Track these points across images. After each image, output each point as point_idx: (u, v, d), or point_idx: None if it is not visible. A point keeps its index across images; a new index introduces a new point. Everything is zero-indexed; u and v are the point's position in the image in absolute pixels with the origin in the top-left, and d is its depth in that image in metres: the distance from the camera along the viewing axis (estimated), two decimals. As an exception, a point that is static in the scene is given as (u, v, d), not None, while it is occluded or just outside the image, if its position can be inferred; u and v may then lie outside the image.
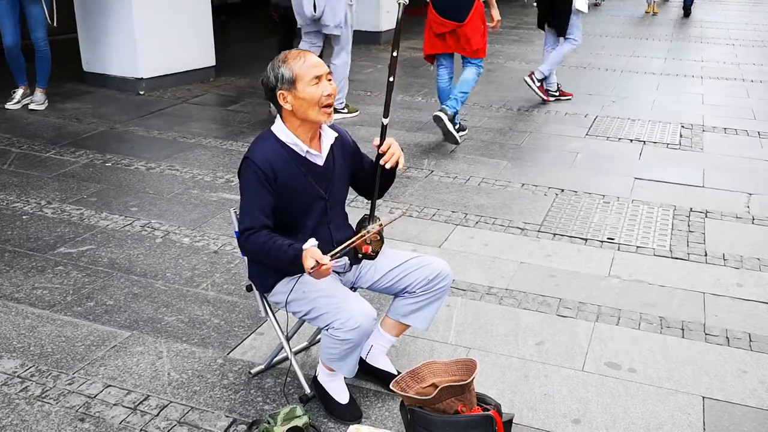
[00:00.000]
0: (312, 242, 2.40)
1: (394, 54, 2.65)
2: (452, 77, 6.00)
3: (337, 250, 2.40)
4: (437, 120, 5.62)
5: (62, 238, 4.03)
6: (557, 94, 7.33)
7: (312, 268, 2.28)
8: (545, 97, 7.25)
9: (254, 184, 2.47)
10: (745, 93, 7.86)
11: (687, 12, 13.90)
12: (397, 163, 2.63)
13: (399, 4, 2.67)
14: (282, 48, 6.53)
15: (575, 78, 8.46)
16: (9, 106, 6.52)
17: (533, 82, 7.19)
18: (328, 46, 6.52)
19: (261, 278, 2.64)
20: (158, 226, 4.21)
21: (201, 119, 6.51)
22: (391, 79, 2.68)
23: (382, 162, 2.59)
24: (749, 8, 15.46)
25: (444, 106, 5.68)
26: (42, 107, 6.56)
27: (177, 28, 7.37)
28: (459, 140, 5.76)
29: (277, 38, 7.44)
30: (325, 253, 2.34)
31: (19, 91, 6.60)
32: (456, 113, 5.77)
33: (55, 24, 6.28)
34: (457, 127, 5.79)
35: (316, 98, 2.44)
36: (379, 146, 2.60)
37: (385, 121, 2.65)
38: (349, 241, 2.46)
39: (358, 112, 6.75)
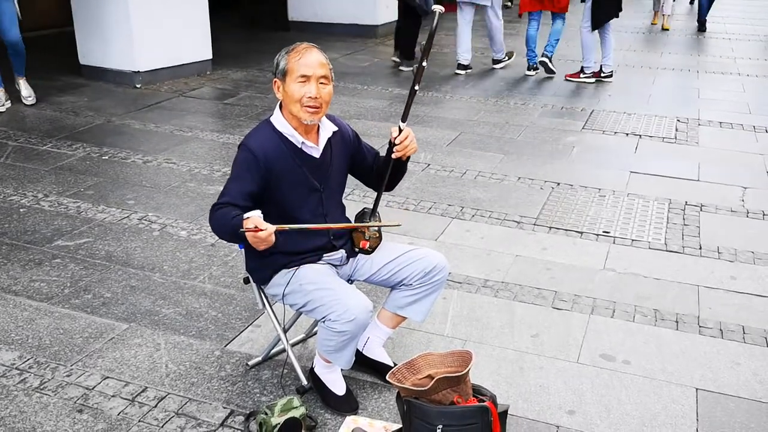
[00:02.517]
0: (256, 212, 2.33)
1: (424, 64, 2.57)
2: (539, 28, 8.06)
3: (293, 226, 2.35)
4: (543, 64, 8.11)
5: (59, 231, 4.03)
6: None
7: (247, 229, 2.22)
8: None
9: (242, 168, 2.48)
10: (741, 87, 7.89)
11: (701, 25, 11.79)
12: (408, 157, 2.65)
13: (436, 12, 2.61)
14: (403, 35, 8.43)
15: (572, 71, 8.48)
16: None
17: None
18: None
19: (258, 270, 2.65)
20: (155, 219, 4.22)
21: (198, 112, 6.51)
22: (416, 88, 2.59)
23: (395, 149, 2.58)
24: (746, 2, 15.46)
25: (545, 52, 8.10)
26: (33, 98, 6.47)
27: (174, 21, 7.36)
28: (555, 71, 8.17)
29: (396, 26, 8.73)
30: (316, 248, 2.34)
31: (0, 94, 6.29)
32: (552, 54, 8.15)
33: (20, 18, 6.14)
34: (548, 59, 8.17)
35: (297, 97, 2.45)
36: (393, 142, 2.58)
37: (403, 125, 2.58)
38: (308, 225, 2.46)
39: (513, 56, 8.68)
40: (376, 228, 2.60)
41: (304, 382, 2.73)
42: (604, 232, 4.19)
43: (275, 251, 2.46)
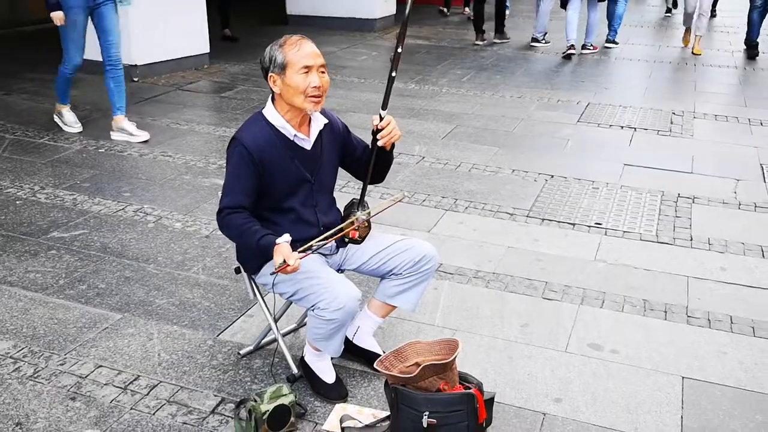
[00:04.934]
0: (286, 237, 2.40)
1: (399, 50, 2.62)
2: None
3: (308, 245, 2.42)
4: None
5: (55, 223, 4.07)
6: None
7: (279, 266, 2.31)
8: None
9: (239, 164, 2.51)
10: (738, 80, 7.90)
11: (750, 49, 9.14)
12: (393, 145, 2.67)
13: (408, 1, 2.64)
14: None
15: (570, 66, 8.49)
16: (72, 129, 5.63)
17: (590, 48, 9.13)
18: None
19: (248, 260, 2.69)
20: (150, 211, 4.25)
21: (194, 106, 6.54)
22: (393, 74, 2.66)
23: (379, 136, 2.61)
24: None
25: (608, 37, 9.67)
26: (145, 134, 5.52)
27: (171, 14, 7.38)
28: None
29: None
30: (305, 239, 2.41)
31: (70, 113, 5.73)
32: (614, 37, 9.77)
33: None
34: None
35: (302, 88, 2.47)
36: (376, 129, 2.61)
37: (383, 113, 2.65)
38: (324, 236, 2.48)
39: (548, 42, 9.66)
40: (365, 218, 2.63)
41: (295, 370, 2.76)
42: (596, 223, 4.21)
43: None
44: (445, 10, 12.26)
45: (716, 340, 3.09)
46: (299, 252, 2.36)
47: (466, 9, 12.30)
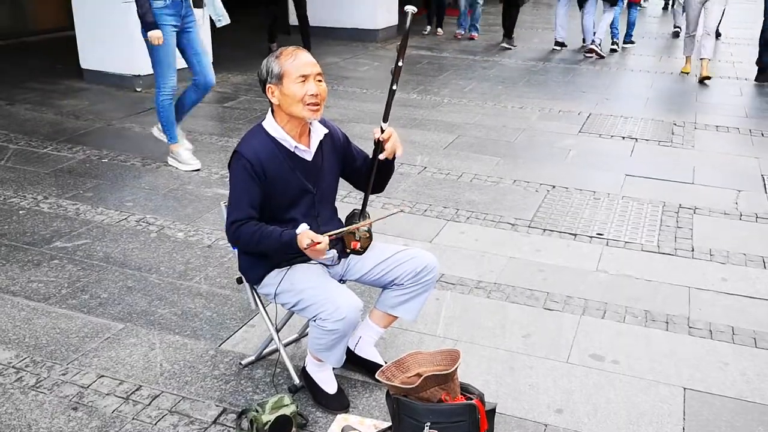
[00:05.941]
0: (304, 226, 2.50)
1: (399, 64, 2.62)
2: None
3: (333, 232, 2.50)
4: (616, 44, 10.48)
5: (58, 233, 4.08)
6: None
7: (307, 246, 2.38)
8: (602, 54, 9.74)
9: (243, 177, 2.53)
10: (739, 91, 7.92)
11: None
12: (394, 156, 2.69)
13: (408, 13, 2.66)
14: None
15: (571, 76, 8.52)
16: (190, 167, 5.10)
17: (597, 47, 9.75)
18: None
19: (251, 270, 2.69)
20: (153, 221, 4.27)
21: (197, 116, 6.55)
22: (394, 87, 2.68)
23: (383, 146, 2.63)
24: (745, 6, 15.47)
25: (626, 38, 10.77)
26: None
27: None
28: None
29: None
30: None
31: (187, 150, 5.19)
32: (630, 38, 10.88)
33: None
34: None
35: (299, 96, 2.49)
36: (378, 141, 2.63)
37: (384, 125, 2.66)
38: (346, 228, 2.56)
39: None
40: (366, 229, 2.64)
41: (296, 380, 2.76)
42: (597, 234, 4.22)
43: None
44: (428, 28, 11.51)
45: (718, 351, 3.09)
46: (326, 235, 2.45)
47: (428, 28, 11.42)
